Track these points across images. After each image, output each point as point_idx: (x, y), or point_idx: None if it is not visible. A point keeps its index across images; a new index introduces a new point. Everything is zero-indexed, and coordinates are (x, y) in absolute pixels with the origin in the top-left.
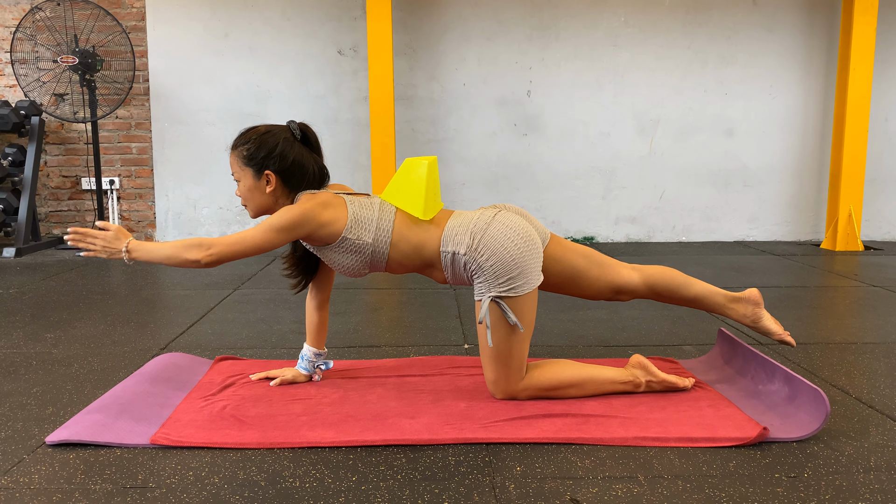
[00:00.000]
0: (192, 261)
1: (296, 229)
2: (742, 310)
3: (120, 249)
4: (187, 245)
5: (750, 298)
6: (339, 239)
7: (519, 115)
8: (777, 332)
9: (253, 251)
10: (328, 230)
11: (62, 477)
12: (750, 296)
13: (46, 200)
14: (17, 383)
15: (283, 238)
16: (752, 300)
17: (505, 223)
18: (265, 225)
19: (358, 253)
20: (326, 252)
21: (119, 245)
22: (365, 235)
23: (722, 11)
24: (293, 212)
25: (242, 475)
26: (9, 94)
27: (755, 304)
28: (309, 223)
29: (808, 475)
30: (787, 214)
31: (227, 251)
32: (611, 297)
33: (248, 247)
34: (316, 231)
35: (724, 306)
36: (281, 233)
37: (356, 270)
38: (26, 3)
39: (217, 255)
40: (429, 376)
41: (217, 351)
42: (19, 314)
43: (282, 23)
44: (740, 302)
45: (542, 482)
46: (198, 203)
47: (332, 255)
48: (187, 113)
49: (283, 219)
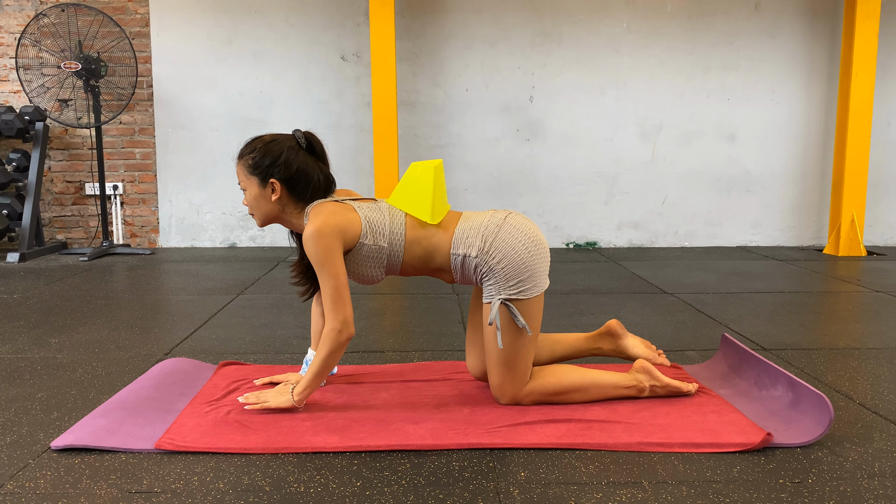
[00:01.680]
0: (342, 343)
1: (332, 245)
2: (607, 346)
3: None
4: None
5: (609, 331)
6: (356, 245)
7: (521, 121)
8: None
9: (344, 291)
10: (349, 234)
11: (67, 482)
12: (609, 329)
13: (50, 206)
14: (22, 388)
15: (337, 261)
16: (611, 333)
17: (516, 226)
18: (319, 270)
19: (375, 258)
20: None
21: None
22: (381, 240)
23: (724, 17)
24: (313, 239)
25: (247, 480)
26: (13, 99)
27: (616, 336)
28: (331, 232)
29: (812, 481)
30: (790, 219)
31: (346, 314)
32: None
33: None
34: (343, 235)
35: (590, 350)
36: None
37: (373, 276)
38: (31, 9)
39: (345, 321)
40: (433, 381)
41: (221, 356)
42: (24, 319)
43: (285, 29)
44: (602, 338)
45: (547, 488)
46: (201, 208)
47: (348, 264)
48: (191, 119)
49: (315, 252)
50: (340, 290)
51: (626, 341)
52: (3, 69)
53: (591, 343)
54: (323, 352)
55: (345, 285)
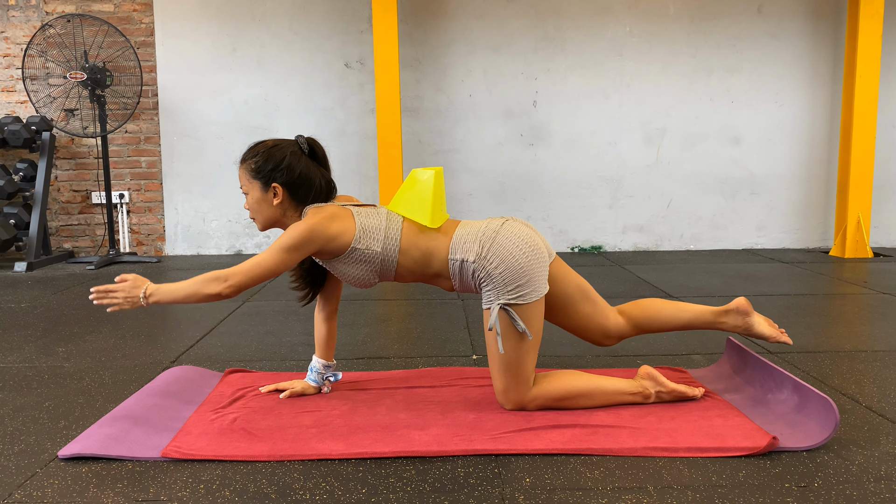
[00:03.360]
0: (212, 294)
1: (306, 246)
2: (733, 321)
3: (138, 296)
4: (205, 280)
5: (738, 309)
6: (348, 250)
7: (525, 126)
8: (772, 335)
9: (269, 274)
10: (337, 242)
11: (75, 490)
12: (738, 306)
13: (57, 215)
14: (29, 397)
15: (295, 257)
16: (739, 310)
17: (513, 232)
18: (276, 246)
19: (367, 263)
20: (335, 264)
21: (137, 292)
22: (374, 245)
23: (727, 20)
24: (300, 229)
25: (253, 488)
26: (20, 109)
27: (744, 313)
28: (318, 238)
29: (819, 485)
30: (796, 222)
31: (244, 279)
32: (598, 341)
33: (264, 270)
34: (326, 245)
35: (713, 323)
36: (292, 252)
37: (366, 280)
38: (37, 20)
39: (236, 284)
40: (437, 387)
41: (227, 364)
42: (31, 328)
43: (289, 37)
44: (729, 314)
45: (552, 493)
46: (207, 216)
47: (341, 266)
48: (196, 127)
49: (292, 237)
50: (261, 268)
51: (753, 318)
52: (9, 80)
53: (717, 317)
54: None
55: (268, 274)
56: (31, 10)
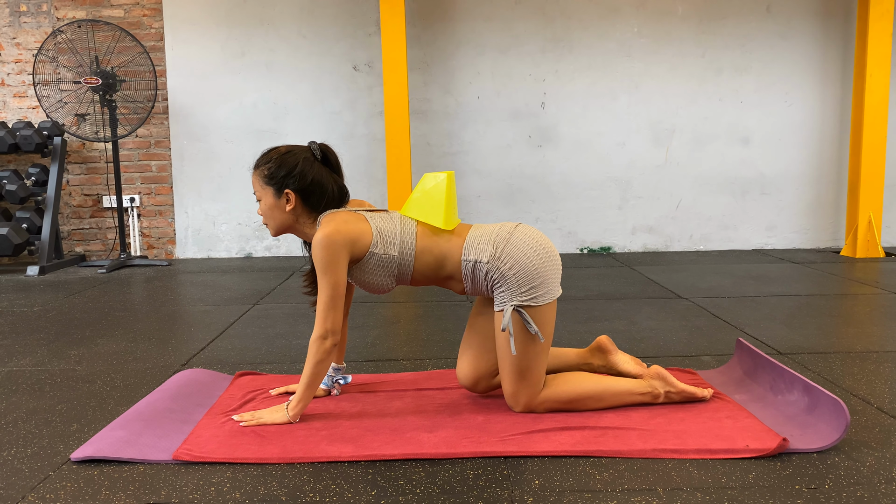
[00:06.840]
0: (328, 350)
1: (336, 255)
2: (597, 362)
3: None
4: (313, 352)
5: (598, 347)
6: (366, 255)
7: (533, 127)
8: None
9: (338, 298)
10: (360, 244)
11: (87, 493)
12: (598, 345)
13: (69, 219)
14: (42, 400)
15: (339, 270)
16: (599, 348)
17: (527, 234)
18: (320, 277)
19: (385, 268)
20: (355, 272)
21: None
22: (391, 249)
23: (735, 20)
24: (321, 245)
25: (263, 490)
26: (31, 115)
27: (605, 351)
28: (342, 242)
29: (829, 486)
30: (806, 222)
31: (332, 321)
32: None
33: (332, 300)
34: (352, 246)
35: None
36: (332, 268)
37: (384, 286)
38: (48, 25)
39: (331, 328)
40: (447, 389)
41: (237, 366)
42: (43, 332)
43: (298, 40)
44: (593, 355)
45: (561, 496)
46: (217, 219)
47: (360, 274)
48: (205, 131)
49: (321, 258)
50: (336, 300)
51: (617, 357)
52: (21, 85)
53: (582, 359)
54: (311, 362)
55: (341, 296)
56: (43, 17)
